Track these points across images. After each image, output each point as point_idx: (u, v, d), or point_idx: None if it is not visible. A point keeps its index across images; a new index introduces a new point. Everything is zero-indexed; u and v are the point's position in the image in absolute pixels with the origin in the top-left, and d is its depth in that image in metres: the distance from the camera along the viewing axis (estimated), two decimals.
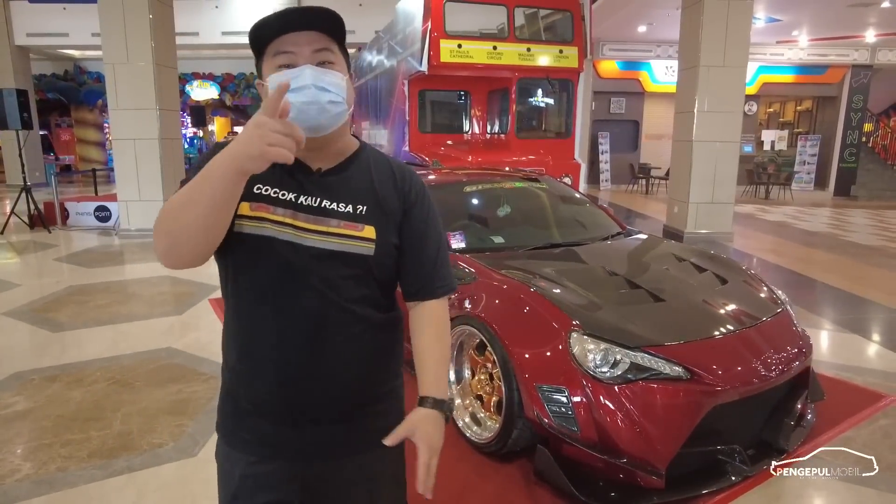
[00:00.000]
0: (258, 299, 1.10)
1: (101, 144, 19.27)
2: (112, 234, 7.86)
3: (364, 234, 1.09)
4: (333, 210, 1.09)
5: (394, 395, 1.24)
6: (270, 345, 1.10)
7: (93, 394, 3.12)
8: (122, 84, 7.30)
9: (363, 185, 1.13)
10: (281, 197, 1.08)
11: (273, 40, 1.06)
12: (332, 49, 1.08)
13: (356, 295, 1.11)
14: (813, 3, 10.44)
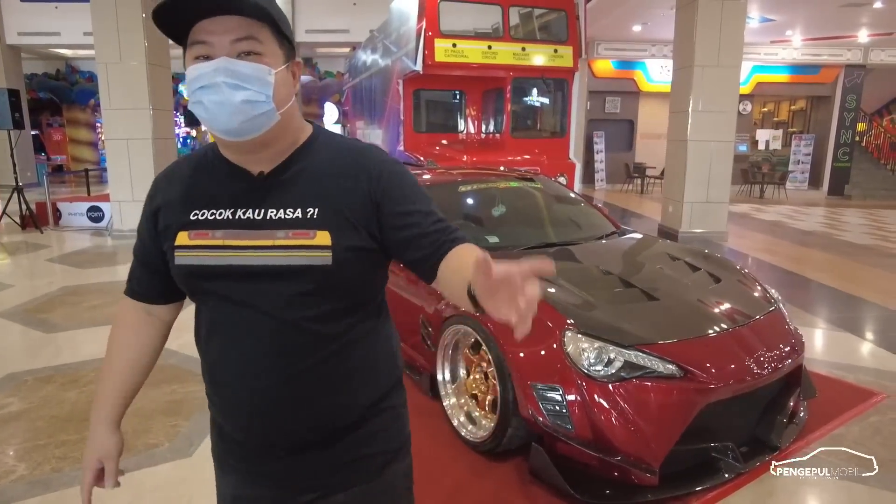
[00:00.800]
0: (212, 332, 1.02)
1: (93, 144, 19.17)
2: (105, 235, 7.83)
3: (316, 242, 0.93)
4: (280, 219, 0.95)
5: (389, 413, 1.09)
6: (233, 377, 1.00)
7: (87, 395, 3.11)
8: (115, 83, 7.27)
9: (313, 183, 0.97)
10: (217, 217, 0.97)
11: (192, 28, 0.91)
12: (257, 37, 0.90)
13: (317, 312, 0.96)
14: (806, 3, 10.50)
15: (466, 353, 2.70)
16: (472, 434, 2.56)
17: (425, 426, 2.76)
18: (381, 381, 1.08)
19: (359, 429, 1.05)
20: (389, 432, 1.09)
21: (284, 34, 0.94)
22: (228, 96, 0.88)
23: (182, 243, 0.98)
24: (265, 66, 0.91)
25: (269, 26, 0.92)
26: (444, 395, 2.76)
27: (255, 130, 0.92)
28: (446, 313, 2.73)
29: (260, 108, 0.91)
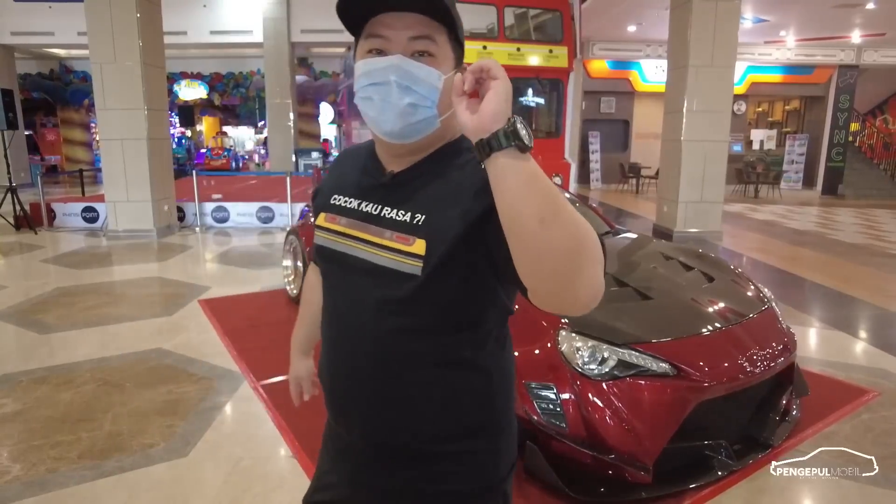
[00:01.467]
0: (324, 313, 1.05)
1: (87, 144, 19.10)
2: (100, 236, 7.80)
3: (412, 249, 0.89)
4: (391, 219, 0.93)
5: (466, 456, 0.98)
6: (326, 360, 1.04)
7: (82, 395, 3.11)
8: (110, 84, 7.25)
9: (431, 190, 0.92)
10: (346, 205, 1.00)
11: (368, 19, 0.89)
12: (434, 38, 0.87)
13: (402, 322, 0.92)
14: (799, 3, 10.56)
15: None
16: None
17: None
18: (468, 420, 0.97)
19: (424, 460, 0.97)
20: (460, 475, 0.98)
21: (458, 39, 0.91)
22: (395, 97, 0.86)
23: (320, 223, 1.03)
24: (436, 70, 0.87)
25: (446, 29, 0.88)
26: None
27: (414, 135, 0.91)
28: None
29: (422, 113, 0.88)
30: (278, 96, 15.25)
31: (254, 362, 3.52)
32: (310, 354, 1.33)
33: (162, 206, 7.80)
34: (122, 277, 5.67)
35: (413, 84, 0.85)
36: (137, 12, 7.11)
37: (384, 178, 0.97)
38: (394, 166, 0.97)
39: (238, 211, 8.65)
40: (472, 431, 0.98)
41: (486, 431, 0.99)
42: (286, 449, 2.60)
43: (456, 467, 0.98)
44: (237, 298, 4.92)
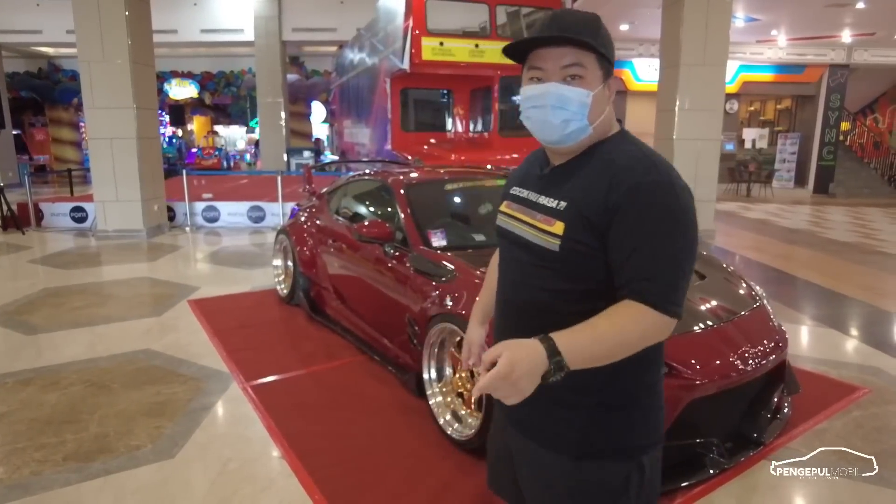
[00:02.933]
0: (499, 283, 1.28)
1: (76, 144, 18.94)
2: (89, 236, 7.72)
3: (552, 230, 1.11)
4: (542, 205, 1.16)
5: (586, 408, 1.13)
6: (496, 318, 1.29)
7: (68, 397, 3.06)
8: (98, 82, 7.17)
9: (578, 182, 1.12)
10: (519, 195, 1.25)
11: (529, 54, 1.13)
12: (582, 63, 1.09)
13: (549, 285, 1.14)
14: (790, 3, 10.60)
15: (452, 351, 2.69)
16: (458, 433, 2.55)
17: (411, 425, 2.75)
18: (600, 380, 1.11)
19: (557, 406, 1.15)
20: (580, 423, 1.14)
21: (605, 53, 1.10)
22: (551, 116, 1.10)
23: (501, 209, 1.30)
24: (585, 89, 1.09)
25: (594, 53, 1.09)
26: (431, 394, 2.75)
27: (569, 141, 1.14)
28: (432, 312, 2.72)
29: (575, 125, 1.11)
30: (270, 95, 15.18)
31: (243, 363, 3.48)
32: (485, 324, 1.47)
33: (152, 206, 7.73)
34: (111, 278, 5.61)
35: (565, 104, 1.09)
36: (126, 10, 7.04)
37: (544, 172, 1.21)
38: (556, 161, 1.20)
39: (229, 210, 8.59)
40: (607, 395, 1.13)
41: (621, 398, 1.14)
42: (275, 450, 2.57)
43: (588, 422, 1.14)
44: (227, 298, 4.87)
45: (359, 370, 3.41)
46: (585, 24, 1.10)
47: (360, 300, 3.73)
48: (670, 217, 1.05)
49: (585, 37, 1.07)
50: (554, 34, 1.08)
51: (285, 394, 3.11)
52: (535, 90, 1.12)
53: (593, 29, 1.10)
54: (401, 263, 3.14)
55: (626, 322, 1.03)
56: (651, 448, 1.17)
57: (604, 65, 1.11)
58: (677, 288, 1.04)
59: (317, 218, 4.44)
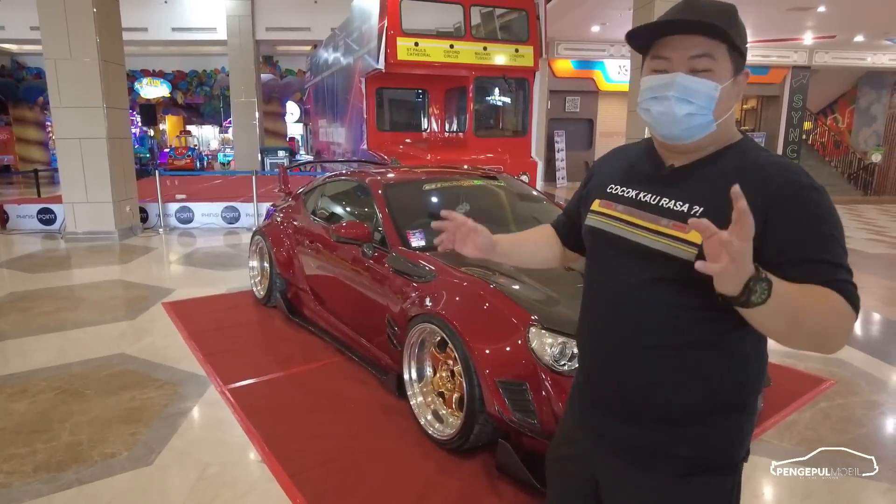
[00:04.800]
0: (587, 289, 1.20)
1: (43, 144, 18.43)
2: (57, 238, 7.52)
3: (688, 237, 0.99)
4: (669, 209, 1.05)
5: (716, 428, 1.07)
6: (586, 330, 1.20)
7: (38, 405, 2.99)
8: (65, 81, 6.99)
9: (712, 186, 1.01)
10: (623, 194, 1.14)
11: (655, 42, 1.05)
12: (712, 55, 1.00)
13: (673, 301, 1.03)
14: (755, 6, 10.88)
15: (433, 351, 2.70)
16: (439, 432, 2.57)
17: (392, 425, 2.76)
18: (715, 394, 1.06)
19: (666, 426, 1.08)
20: (698, 446, 1.08)
21: (738, 49, 1.02)
22: (675, 109, 1.01)
23: (594, 209, 1.18)
24: (713, 82, 1.01)
25: (725, 44, 1.01)
26: (411, 395, 2.76)
27: (691, 137, 1.04)
28: (412, 312, 2.73)
29: (699, 119, 1.02)
30: (243, 94, 14.99)
31: (220, 366, 3.44)
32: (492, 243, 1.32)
33: (124, 207, 7.57)
34: (82, 281, 5.48)
35: (691, 97, 1.00)
36: (94, 7, 6.87)
37: (664, 171, 1.10)
38: (674, 161, 1.09)
39: (203, 211, 8.46)
40: (720, 408, 1.07)
41: (733, 411, 1.08)
42: (255, 454, 2.55)
43: (698, 438, 1.07)
44: (203, 300, 4.81)
45: (338, 371, 3.40)
46: (721, 11, 1.01)
47: (338, 301, 3.72)
48: (833, 217, 0.97)
49: (720, 26, 0.98)
50: (706, 20, 0.99)
51: (264, 396, 3.09)
52: (657, 80, 1.03)
53: (729, 17, 1.01)
54: (379, 264, 3.15)
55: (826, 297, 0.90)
56: (747, 455, 1.12)
57: (735, 58, 1.03)
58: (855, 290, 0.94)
59: (293, 218, 4.41)
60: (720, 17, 1.00)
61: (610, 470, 1.15)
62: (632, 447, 1.11)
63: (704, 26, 0.99)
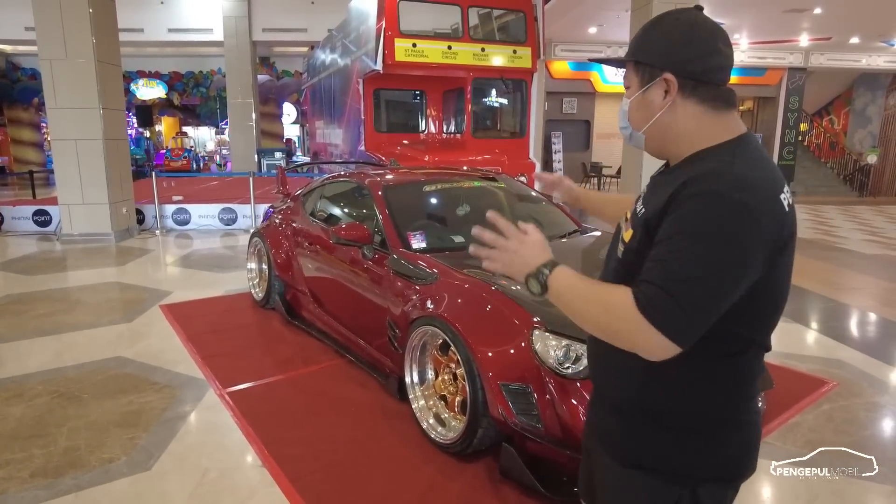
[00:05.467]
0: None
1: (38, 145, 18.33)
2: (53, 240, 7.47)
3: (625, 236, 1.12)
4: (634, 210, 1.15)
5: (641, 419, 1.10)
6: None
7: (35, 409, 2.95)
8: (61, 82, 6.94)
9: (658, 188, 1.08)
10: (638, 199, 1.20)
11: None
12: (627, 77, 1.14)
13: None
14: (752, 7, 10.90)
15: (435, 354, 2.68)
16: (441, 436, 2.54)
17: (394, 429, 2.73)
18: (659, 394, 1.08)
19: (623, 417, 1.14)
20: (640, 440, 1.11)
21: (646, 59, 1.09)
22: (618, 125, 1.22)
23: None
24: (625, 98, 1.15)
25: (632, 63, 1.12)
26: (413, 398, 2.74)
27: (638, 146, 1.18)
28: (413, 315, 2.71)
29: (626, 132, 1.19)
30: (240, 96, 14.94)
31: (219, 369, 3.41)
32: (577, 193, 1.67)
33: (120, 209, 7.52)
34: (78, 283, 5.44)
35: (620, 114, 1.19)
36: (90, 7, 6.83)
37: (655, 177, 1.18)
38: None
39: (200, 213, 8.42)
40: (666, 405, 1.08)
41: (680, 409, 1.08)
42: (255, 458, 2.52)
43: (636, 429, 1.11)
44: (200, 303, 4.77)
45: (337, 374, 3.37)
46: (634, 38, 1.13)
47: (337, 303, 3.70)
48: (710, 229, 0.93)
49: (627, 53, 1.13)
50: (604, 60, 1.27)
51: (263, 400, 3.06)
52: None
53: (636, 39, 1.12)
54: (380, 266, 3.12)
55: (607, 295, 1.00)
56: (712, 482, 1.10)
57: (644, 70, 1.09)
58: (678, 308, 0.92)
59: (292, 220, 4.38)
60: (632, 42, 1.13)
61: (592, 448, 1.25)
62: (600, 430, 1.21)
63: (628, 51, 1.13)
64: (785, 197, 1.01)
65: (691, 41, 1.04)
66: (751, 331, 1.05)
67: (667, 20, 1.07)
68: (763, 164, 1.03)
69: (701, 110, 1.06)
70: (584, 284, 1.04)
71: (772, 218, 0.96)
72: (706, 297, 0.93)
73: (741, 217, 0.93)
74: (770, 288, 1.02)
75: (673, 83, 1.05)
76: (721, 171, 0.97)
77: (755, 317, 1.04)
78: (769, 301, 1.05)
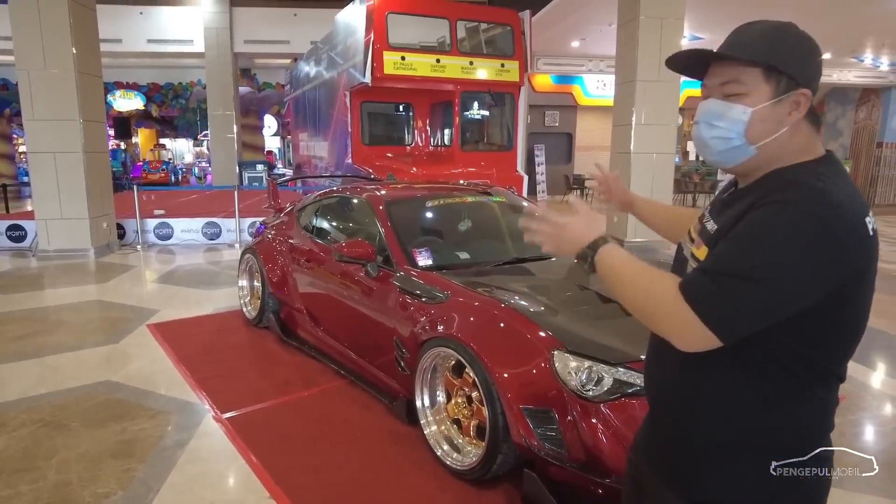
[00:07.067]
0: None
1: (9, 157, 17.79)
2: (28, 256, 7.20)
3: (697, 254, 1.06)
4: (705, 229, 1.09)
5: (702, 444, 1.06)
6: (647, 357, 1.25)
7: (19, 440, 2.77)
8: (39, 93, 6.73)
9: (740, 206, 1.01)
10: (703, 219, 1.15)
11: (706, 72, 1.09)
12: (741, 80, 1.01)
13: None
14: (731, 24, 11.00)
15: (447, 376, 2.59)
16: (458, 462, 2.45)
17: (404, 455, 2.63)
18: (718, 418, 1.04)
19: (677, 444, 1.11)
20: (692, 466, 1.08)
21: (781, 70, 1.00)
22: (702, 133, 1.07)
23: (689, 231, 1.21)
24: (743, 105, 1.01)
25: (761, 68, 1.00)
26: (425, 423, 2.64)
27: (729, 162, 1.06)
28: (424, 336, 2.62)
29: (728, 143, 1.04)
30: (221, 108, 14.74)
31: (215, 393, 3.27)
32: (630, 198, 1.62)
33: (100, 224, 7.29)
34: (58, 302, 5.22)
35: (716, 120, 1.04)
36: (70, 18, 6.65)
37: (725, 195, 1.13)
38: (741, 185, 1.10)
39: (183, 227, 8.21)
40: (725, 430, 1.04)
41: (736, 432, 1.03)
42: (261, 489, 2.39)
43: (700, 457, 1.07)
44: (190, 322, 4.61)
45: (340, 396, 3.26)
46: (762, 35, 1.01)
47: (338, 322, 3.59)
48: (777, 233, 0.90)
49: (748, 51, 0.99)
50: (720, 51, 1.03)
51: (265, 426, 2.93)
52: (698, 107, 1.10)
53: (770, 41, 1.00)
54: (385, 284, 3.03)
55: (650, 276, 1.01)
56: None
57: (778, 79, 1.00)
58: (723, 298, 0.91)
59: (287, 236, 4.26)
60: (759, 42, 1.00)
61: (645, 477, 1.19)
62: (658, 458, 1.16)
63: (736, 48, 1.01)
64: (870, 220, 0.97)
65: (817, 58, 1.04)
66: (829, 359, 1.02)
67: (794, 30, 1.02)
68: (849, 183, 0.99)
69: (809, 129, 1.04)
70: (632, 264, 1.05)
71: (855, 239, 0.93)
72: (757, 297, 0.91)
73: (813, 229, 0.89)
74: (852, 312, 0.99)
75: (807, 100, 1.01)
76: (802, 183, 0.95)
77: (834, 343, 1.01)
78: (850, 327, 1.01)
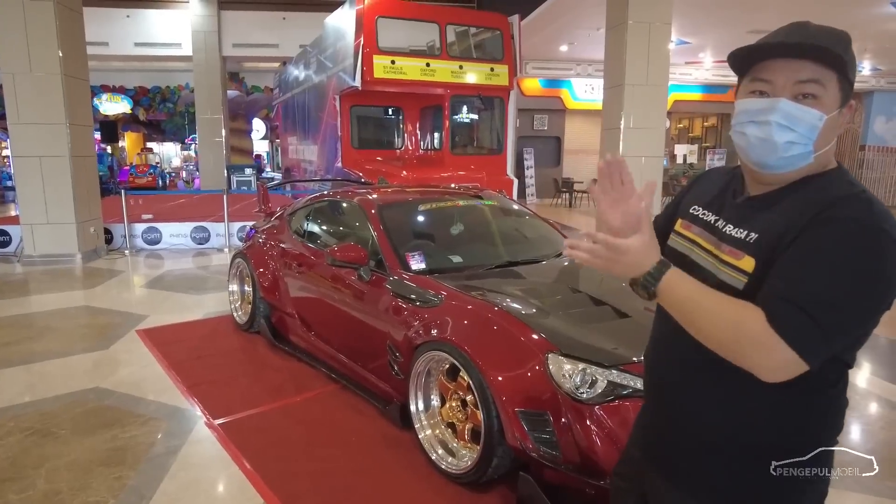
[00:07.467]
0: (658, 305, 1.09)
1: None
2: (13, 261, 7.11)
3: (739, 264, 0.99)
4: (730, 235, 1.04)
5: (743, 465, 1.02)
6: (653, 353, 1.19)
7: (7, 449, 2.73)
8: (25, 96, 6.66)
9: (775, 216, 0.98)
10: (702, 216, 1.12)
11: (756, 64, 1.01)
12: (821, 81, 0.95)
13: None
14: (717, 28, 11.28)
15: (441, 380, 2.59)
16: (453, 466, 2.45)
17: (399, 459, 2.63)
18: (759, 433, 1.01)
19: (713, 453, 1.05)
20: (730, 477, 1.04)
21: (849, 79, 0.97)
22: (775, 135, 0.96)
23: (676, 228, 1.18)
24: (818, 111, 0.95)
25: (836, 72, 0.95)
26: (419, 427, 2.64)
27: (786, 168, 0.99)
28: (418, 340, 2.62)
29: (797, 149, 0.97)
30: (209, 111, 14.66)
31: (207, 398, 3.24)
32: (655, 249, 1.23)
33: (87, 228, 7.21)
34: (45, 308, 5.15)
35: (794, 125, 0.95)
36: (57, 20, 6.58)
37: (739, 200, 1.08)
38: (753, 190, 1.07)
39: (171, 231, 8.14)
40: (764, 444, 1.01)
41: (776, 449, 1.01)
42: (256, 496, 2.38)
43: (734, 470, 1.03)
44: (180, 327, 4.57)
45: (333, 401, 3.25)
46: (834, 37, 0.95)
47: (330, 326, 3.57)
48: (856, 256, 0.89)
49: (831, 54, 0.93)
50: (818, 43, 0.94)
51: (258, 431, 2.91)
52: (758, 104, 0.98)
53: (844, 45, 0.95)
54: (378, 288, 3.03)
55: (733, 307, 0.92)
56: None
57: (845, 88, 0.97)
58: (817, 329, 0.87)
59: (278, 240, 4.25)
60: (837, 45, 0.95)
61: (657, 491, 1.15)
62: (679, 469, 1.11)
63: (818, 50, 0.94)
64: None
65: None
66: (850, 354, 1.02)
67: (850, 40, 0.99)
68: None
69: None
70: (706, 293, 0.95)
71: None
72: (846, 322, 0.91)
73: (889, 248, 0.90)
74: None
75: (852, 112, 1.02)
76: (856, 196, 0.95)
77: (858, 342, 1.01)
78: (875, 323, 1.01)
